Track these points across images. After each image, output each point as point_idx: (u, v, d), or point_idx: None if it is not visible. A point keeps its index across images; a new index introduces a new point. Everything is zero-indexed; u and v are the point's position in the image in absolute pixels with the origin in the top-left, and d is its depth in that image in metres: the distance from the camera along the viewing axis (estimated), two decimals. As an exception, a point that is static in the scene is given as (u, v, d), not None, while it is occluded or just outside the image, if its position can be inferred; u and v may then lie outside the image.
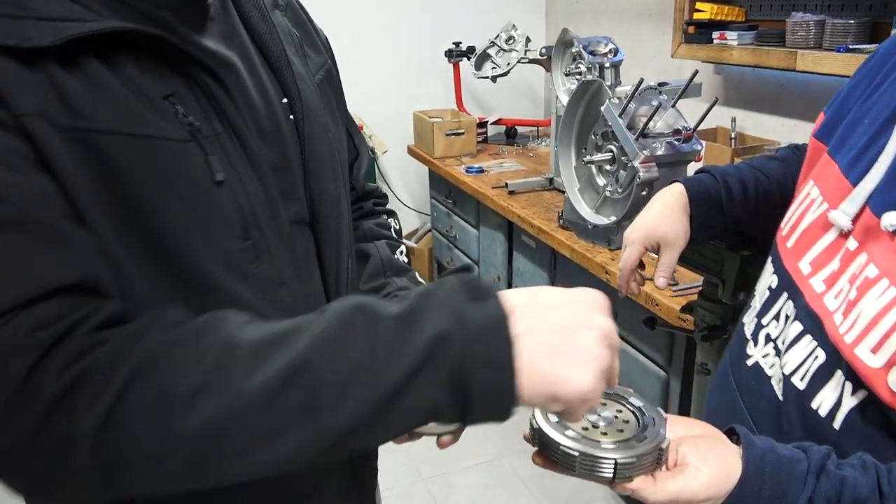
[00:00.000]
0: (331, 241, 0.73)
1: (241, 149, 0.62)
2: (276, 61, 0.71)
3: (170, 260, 0.57)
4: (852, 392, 0.60)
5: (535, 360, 0.48)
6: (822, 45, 1.80)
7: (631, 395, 0.64)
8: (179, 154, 0.57)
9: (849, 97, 0.75)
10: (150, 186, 0.55)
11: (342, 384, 0.47)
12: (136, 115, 0.55)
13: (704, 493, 0.56)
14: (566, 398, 0.49)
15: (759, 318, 0.76)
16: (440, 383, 0.48)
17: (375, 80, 3.17)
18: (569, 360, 0.49)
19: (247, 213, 0.61)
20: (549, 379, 0.49)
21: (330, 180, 0.73)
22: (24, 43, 0.50)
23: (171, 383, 0.46)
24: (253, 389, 0.46)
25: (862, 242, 0.62)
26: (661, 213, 0.99)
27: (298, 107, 0.70)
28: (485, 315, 0.48)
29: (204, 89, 0.59)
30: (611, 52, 1.80)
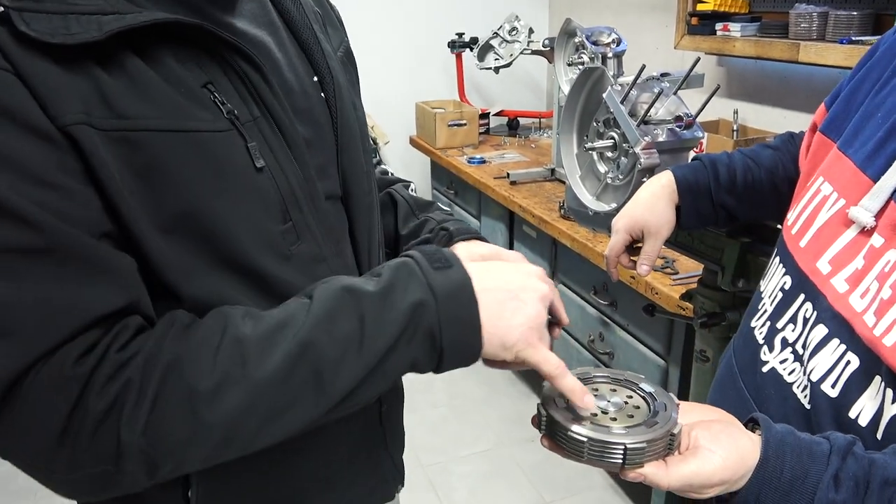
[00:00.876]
0: (363, 214, 0.74)
1: (279, 131, 0.62)
2: (306, 39, 0.71)
3: (217, 249, 0.58)
4: (894, 399, 0.57)
5: (490, 314, 0.58)
6: (825, 37, 1.80)
7: (642, 380, 0.63)
8: (222, 144, 0.58)
9: (856, 91, 0.73)
10: (196, 180, 0.56)
11: (340, 357, 0.55)
12: (179, 109, 0.55)
13: (718, 477, 0.54)
14: (511, 343, 0.59)
15: (773, 321, 0.73)
16: (419, 343, 0.57)
17: (378, 71, 3.17)
18: (515, 313, 0.59)
19: (286, 196, 0.62)
20: (500, 329, 0.58)
21: (360, 155, 0.74)
22: (70, 39, 0.50)
23: (196, 381, 0.52)
24: (266, 374, 0.53)
25: (889, 239, 0.60)
26: (646, 201, 1.00)
27: (330, 84, 0.71)
28: (451, 281, 0.58)
29: (240, 74, 0.60)
30: (613, 42, 1.80)
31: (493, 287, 0.59)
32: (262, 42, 0.66)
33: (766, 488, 0.55)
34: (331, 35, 0.77)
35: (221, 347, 0.53)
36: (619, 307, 1.86)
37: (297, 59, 0.70)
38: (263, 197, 0.61)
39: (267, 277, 0.62)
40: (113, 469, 0.51)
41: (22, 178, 0.49)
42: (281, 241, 0.63)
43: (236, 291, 0.61)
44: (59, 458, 0.50)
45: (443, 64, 3.23)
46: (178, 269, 0.57)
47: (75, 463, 0.51)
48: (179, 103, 0.55)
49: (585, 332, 2.04)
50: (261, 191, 0.60)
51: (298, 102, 0.67)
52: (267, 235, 0.61)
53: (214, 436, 0.53)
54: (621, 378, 0.64)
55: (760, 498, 0.55)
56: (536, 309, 0.60)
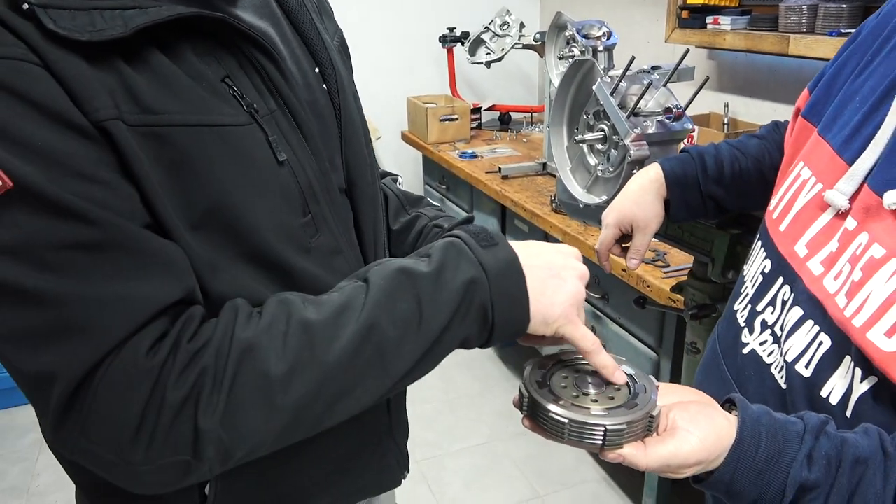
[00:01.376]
0: (368, 206, 0.74)
1: (296, 124, 0.62)
2: (307, 31, 0.71)
3: (241, 243, 0.58)
4: (862, 378, 0.58)
5: (535, 290, 0.60)
6: (815, 30, 1.80)
7: (623, 363, 0.63)
8: (244, 138, 0.58)
9: (837, 76, 0.74)
10: (222, 174, 0.56)
11: (401, 337, 0.57)
12: (203, 103, 0.55)
13: (695, 457, 0.55)
14: (553, 319, 0.61)
15: (753, 304, 0.74)
16: (472, 320, 0.59)
17: (369, 66, 3.16)
18: (557, 290, 0.61)
19: (305, 188, 0.63)
20: (544, 305, 0.61)
21: (363, 147, 0.74)
22: (97, 36, 0.50)
23: (268, 368, 0.53)
24: (335, 357, 0.55)
25: (861, 221, 0.61)
26: (634, 195, 1.00)
27: (332, 76, 0.71)
28: (499, 258, 0.60)
29: (257, 67, 0.59)
30: (604, 36, 1.79)
31: (537, 265, 0.61)
32: (269, 34, 0.66)
33: (742, 467, 0.55)
34: (327, 24, 0.77)
35: (289, 333, 0.54)
36: (610, 300, 1.86)
37: (300, 51, 0.69)
38: (285, 190, 0.61)
39: (290, 271, 0.62)
40: (191, 458, 0.52)
41: (67, 172, 0.48)
42: (302, 234, 0.63)
43: (259, 285, 0.61)
44: (136, 450, 0.51)
45: (434, 59, 3.22)
46: (203, 264, 0.57)
47: (154, 455, 0.51)
48: (203, 97, 0.55)
49: (577, 325, 2.04)
50: (283, 184, 0.61)
51: (303, 95, 0.67)
52: (289, 229, 0.62)
53: (286, 419, 0.54)
54: None
55: (736, 477, 0.56)
56: (577, 286, 0.63)
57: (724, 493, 0.57)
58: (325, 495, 0.76)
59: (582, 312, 0.63)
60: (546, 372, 0.62)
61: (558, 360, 0.64)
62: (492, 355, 2.88)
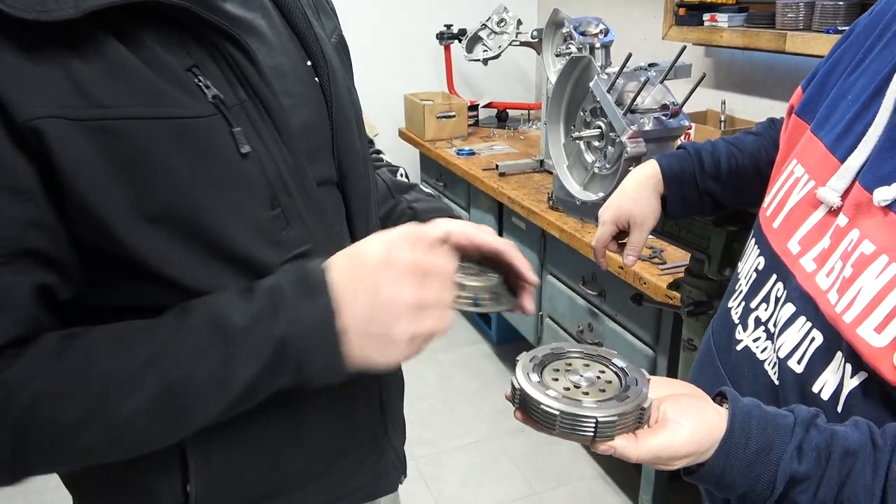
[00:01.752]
0: (360, 199, 0.74)
1: (267, 116, 0.61)
2: (298, 23, 0.70)
3: (202, 237, 0.58)
4: (852, 374, 0.59)
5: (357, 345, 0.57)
6: (812, 27, 1.80)
7: (615, 356, 0.64)
8: (205, 130, 0.56)
9: (830, 73, 0.74)
10: (180, 168, 0.55)
11: (204, 395, 0.56)
12: (160, 95, 0.54)
13: (686, 449, 0.55)
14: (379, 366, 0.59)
15: (747, 301, 0.75)
16: (284, 374, 0.57)
17: (366, 63, 3.15)
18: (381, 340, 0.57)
19: (274, 181, 0.62)
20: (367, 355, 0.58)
21: (355, 140, 0.73)
22: (45, 16, 0.48)
23: (59, 418, 0.52)
24: (130, 416, 0.54)
25: (853, 218, 0.61)
26: (631, 192, 1.00)
27: (324, 68, 0.70)
28: (312, 315, 0.57)
29: (227, 58, 0.58)
30: (601, 33, 1.79)
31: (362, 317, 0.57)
32: (255, 25, 0.65)
33: (732, 459, 0.56)
34: (324, 22, 0.77)
35: (88, 382, 0.53)
36: (607, 297, 1.86)
37: (291, 44, 0.69)
38: (250, 183, 0.60)
39: (257, 265, 0.61)
40: None
41: None
42: (270, 227, 0.62)
43: (227, 278, 0.60)
44: None
45: (431, 56, 3.21)
46: (169, 259, 0.57)
47: None
48: (161, 89, 0.54)
49: (574, 322, 2.04)
50: (247, 177, 0.59)
51: (292, 86, 0.66)
52: (255, 222, 0.61)
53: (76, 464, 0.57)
54: (594, 353, 0.64)
55: (726, 469, 0.56)
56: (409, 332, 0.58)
57: (715, 485, 0.58)
58: (314, 494, 0.75)
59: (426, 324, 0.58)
60: (538, 365, 0.62)
61: (550, 353, 0.64)
62: (488, 353, 2.88)
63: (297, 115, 0.66)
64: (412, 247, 0.59)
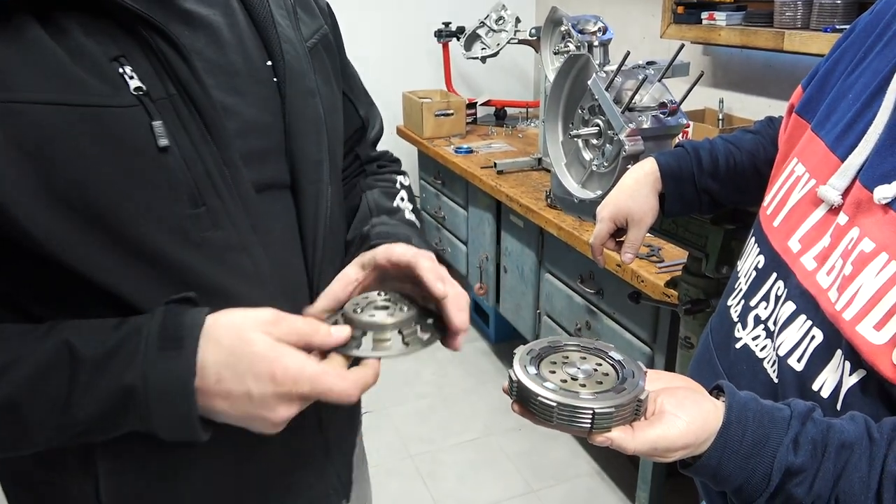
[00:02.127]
0: (309, 204, 0.72)
1: (196, 113, 0.60)
2: (262, 22, 0.69)
3: (111, 229, 0.57)
4: (851, 371, 0.59)
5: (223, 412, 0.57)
6: (810, 26, 1.81)
7: (611, 349, 0.64)
8: (120, 120, 0.56)
9: (831, 72, 0.74)
10: (85, 155, 0.54)
11: (43, 420, 0.56)
12: (74, 83, 0.54)
13: (682, 441, 0.56)
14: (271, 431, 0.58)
15: (747, 299, 0.75)
16: (129, 423, 0.57)
17: (364, 60, 3.14)
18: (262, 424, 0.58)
19: (199, 179, 0.60)
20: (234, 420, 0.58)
21: (312, 144, 0.72)
22: None
23: None
24: None
25: (853, 217, 0.61)
26: (629, 189, 1.00)
27: (281, 69, 0.69)
28: (170, 374, 0.55)
29: (156, 51, 0.58)
30: (600, 31, 1.79)
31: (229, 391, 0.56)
32: (210, 22, 0.64)
33: (728, 452, 0.56)
34: (305, 22, 0.76)
35: None
36: (605, 295, 1.86)
37: (251, 43, 0.68)
38: (168, 178, 0.58)
39: (172, 263, 0.60)
40: None
41: None
42: (190, 226, 0.60)
43: (144, 276, 0.59)
44: None
45: (429, 53, 3.21)
46: (72, 247, 0.56)
47: None
48: (75, 76, 0.54)
49: (572, 320, 2.05)
50: (166, 171, 0.58)
51: (243, 85, 0.66)
52: (171, 219, 0.59)
53: None
54: (591, 346, 0.65)
55: (722, 461, 0.56)
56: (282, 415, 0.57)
57: (711, 478, 0.58)
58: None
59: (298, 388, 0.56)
60: (535, 358, 0.63)
61: (547, 346, 0.65)
62: (486, 351, 2.89)
63: (242, 113, 0.65)
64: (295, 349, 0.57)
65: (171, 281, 0.60)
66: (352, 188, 0.90)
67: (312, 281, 0.72)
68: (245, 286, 0.64)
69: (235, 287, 0.64)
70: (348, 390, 0.57)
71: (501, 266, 2.48)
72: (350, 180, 0.92)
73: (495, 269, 2.53)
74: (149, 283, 0.59)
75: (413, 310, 0.64)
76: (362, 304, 0.65)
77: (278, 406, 0.56)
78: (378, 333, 0.62)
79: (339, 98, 0.80)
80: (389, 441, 2.30)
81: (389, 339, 0.62)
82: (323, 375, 0.57)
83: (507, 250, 2.41)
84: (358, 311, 0.63)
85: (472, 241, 2.67)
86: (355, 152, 0.91)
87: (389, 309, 0.64)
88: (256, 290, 0.65)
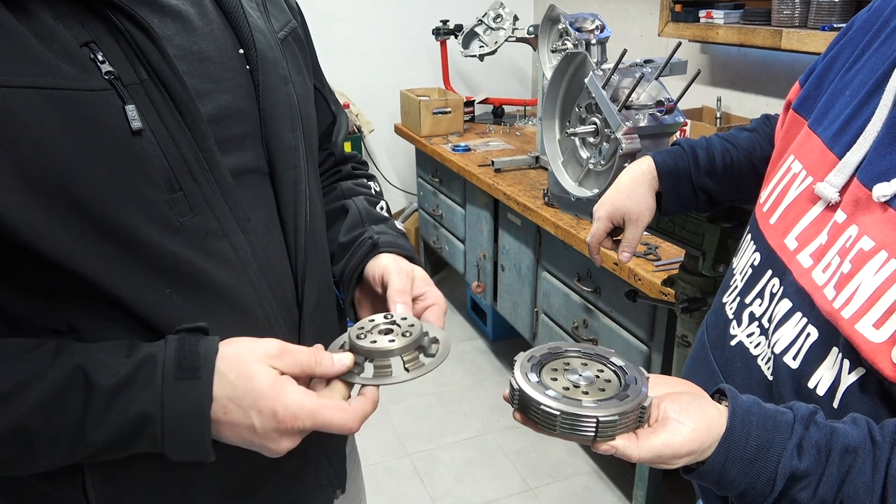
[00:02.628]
0: (287, 190, 0.72)
1: (169, 98, 0.60)
2: (232, 12, 0.70)
3: (86, 213, 0.56)
4: (850, 369, 0.58)
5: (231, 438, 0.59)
6: (808, 24, 1.81)
7: (613, 355, 0.63)
8: (92, 103, 0.55)
9: (828, 70, 0.74)
10: (57, 140, 0.54)
11: (54, 443, 0.56)
12: (42, 65, 0.53)
13: (687, 447, 0.55)
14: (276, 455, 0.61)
15: (742, 296, 0.75)
16: (142, 446, 0.58)
17: (362, 58, 3.15)
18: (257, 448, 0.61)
19: (175, 163, 0.60)
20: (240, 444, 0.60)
21: (286, 130, 0.72)
22: None
23: None
24: None
25: (851, 214, 0.61)
26: (626, 188, 1.00)
27: (254, 56, 0.70)
28: (187, 401, 0.57)
29: (126, 36, 0.58)
30: (597, 29, 1.79)
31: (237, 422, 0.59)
32: (178, 10, 0.64)
33: (732, 457, 0.56)
34: (274, 15, 0.77)
35: None
36: (602, 294, 1.86)
37: (223, 31, 0.68)
38: (143, 162, 0.58)
39: (149, 248, 0.59)
40: None
41: None
42: (167, 211, 0.60)
43: (124, 262, 0.59)
44: None
45: (427, 51, 3.21)
46: (46, 232, 0.55)
47: None
48: (45, 59, 0.53)
49: (569, 318, 2.05)
50: (140, 156, 0.58)
51: (216, 71, 0.66)
52: (147, 203, 0.59)
53: None
54: (592, 352, 0.64)
55: (727, 466, 0.56)
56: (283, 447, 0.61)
57: (715, 483, 0.57)
58: None
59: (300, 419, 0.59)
60: (536, 365, 0.62)
61: (548, 352, 0.64)
62: (484, 349, 2.89)
63: (216, 99, 0.66)
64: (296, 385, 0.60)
65: (152, 267, 0.60)
66: (331, 190, 0.91)
67: (295, 267, 0.73)
68: (225, 271, 0.64)
69: (216, 272, 0.64)
70: (349, 423, 0.60)
71: (499, 264, 2.48)
72: (327, 179, 0.93)
73: (493, 268, 2.53)
74: (129, 269, 0.59)
75: (416, 332, 0.66)
76: (367, 327, 0.67)
77: (280, 439, 0.60)
78: (380, 359, 0.63)
79: (311, 90, 0.81)
80: (387, 439, 2.30)
81: (391, 365, 0.63)
82: (322, 409, 0.59)
83: (505, 248, 2.41)
84: (362, 337, 0.66)
85: (469, 240, 2.67)
86: (329, 149, 0.92)
87: (393, 333, 0.66)
88: (237, 276, 0.65)
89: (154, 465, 0.66)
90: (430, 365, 0.65)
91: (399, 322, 0.68)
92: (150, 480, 0.67)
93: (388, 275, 0.75)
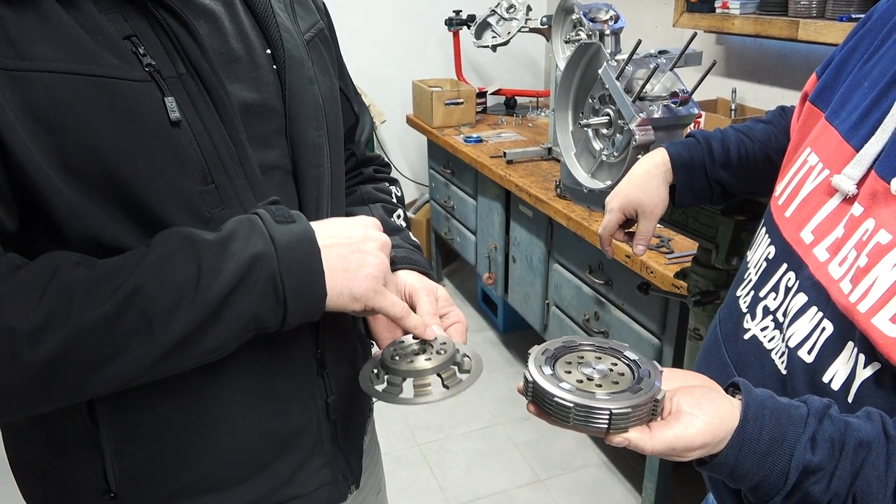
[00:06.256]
0: (310, 188, 0.74)
1: (206, 92, 0.62)
2: (262, 13, 0.72)
3: (121, 197, 0.58)
4: (865, 364, 0.58)
5: (336, 267, 0.62)
6: (825, 15, 1.78)
7: (626, 348, 0.63)
8: (133, 93, 0.58)
9: (846, 61, 0.73)
10: (99, 125, 0.56)
11: (173, 304, 0.55)
12: (89, 54, 0.55)
13: (700, 440, 0.55)
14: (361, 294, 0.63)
15: (756, 290, 0.74)
16: (261, 294, 0.58)
17: (375, 49, 3.14)
18: (361, 265, 0.63)
19: (209, 156, 0.62)
20: (348, 280, 0.62)
21: (311, 129, 0.73)
22: None
23: (16, 322, 0.51)
24: (92, 318, 0.53)
25: (868, 207, 0.61)
26: (640, 180, 0.99)
27: (281, 56, 0.71)
28: (292, 233, 0.60)
29: (167, 31, 0.60)
30: (611, 20, 1.78)
31: (337, 241, 0.63)
32: (211, 10, 0.66)
33: (745, 450, 0.56)
34: (301, 17, 0.78)
35: (48, 289, 0.53)
36: (614, 286, 1.86)
37: (252, 32, 0.70)
38: (180, 153, 0.60)
39: None
40: None
41: None
42: (200, 201, 0.62)
43: None
44: None
45: (440, 42, 3.20)
46: (85, 214, 0.57)
47: None
48: (90, 48, 0.56)
49: (581, 311, 2.04)
50: (177, 146, 0.60)
51: (244, 71, 0.68)
52: (183, 194, 0.61)
53: (34, 379, 0.52)
54: (606, 346, 0.64)
55: (740, 459, 0.56)
56: (379, 258, 0.65)
57: (728, 476, 0.57)
58: (241, 491, 0.73)
59: (390, 280, 0.66)
60: (550, 358, 0.62)
61: (562, 346, 0.64)
62: (495, 341, 2.89)
63: (244, 99, 0.67)
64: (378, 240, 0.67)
65: None
66: (350, 193, 0.92)
67: None
68: None
69: None
70: None
71: (510, 256, 2.48)
72: (348, 182, 0.94)
73: (504, 259, 2.53)
74: None
75: (450, 349, 0.69)
76: (400, 351, 0.70)
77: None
78: (418, 379, 0.66)
79: (336, 90, 0.82)
80: (397, 429, 2.31)
81: (429, 383, 0.66)
82: None
83: (516, 240, 2.40)
84: (396, 360, 0.68)
85: (481, 231, 2.66)
86: (350, 149, 0.93)
87: (427, 352, 0.69)
88: None
89: (175, 445, 0.67)
90: (467, 381, 0.68)
91: (431, 341, 0.70)
92: (170, 460, 0.68)
93: (417, 295, 0.76)
